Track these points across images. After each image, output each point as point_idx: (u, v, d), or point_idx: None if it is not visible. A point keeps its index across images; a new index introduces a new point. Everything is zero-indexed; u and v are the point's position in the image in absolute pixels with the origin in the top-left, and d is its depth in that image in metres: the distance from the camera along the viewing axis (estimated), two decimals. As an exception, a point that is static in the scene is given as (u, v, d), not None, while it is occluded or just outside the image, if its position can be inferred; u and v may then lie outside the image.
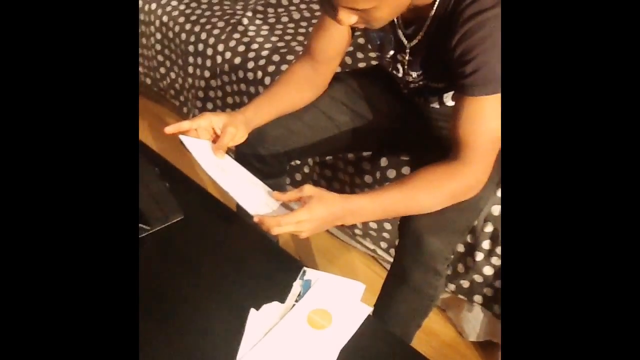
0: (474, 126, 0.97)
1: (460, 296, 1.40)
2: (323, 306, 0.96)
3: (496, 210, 1.25)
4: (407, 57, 1.12)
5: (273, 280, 1.01)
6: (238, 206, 1.12)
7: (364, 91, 1.31)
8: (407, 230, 1.09)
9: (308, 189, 0.96)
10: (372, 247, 1.59)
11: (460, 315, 1.46)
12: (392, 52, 1.15)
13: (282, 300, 0.97)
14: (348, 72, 1.37)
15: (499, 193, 1.24)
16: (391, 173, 1.39)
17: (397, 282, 1.18)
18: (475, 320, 1.42)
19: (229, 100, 1.80)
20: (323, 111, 1.27)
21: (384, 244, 1.52)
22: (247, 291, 0.99)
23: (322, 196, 0.95)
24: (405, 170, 1.37)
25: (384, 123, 1.32)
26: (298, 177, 1.65)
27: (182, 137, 1.04)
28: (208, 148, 1.06)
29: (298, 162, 1.61)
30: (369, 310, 0.96)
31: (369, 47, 1.66)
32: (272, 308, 0.95)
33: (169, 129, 1.05)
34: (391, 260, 1.56)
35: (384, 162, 1.41)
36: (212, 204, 1.15)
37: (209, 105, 1.88)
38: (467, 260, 1.34)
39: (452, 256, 1.17)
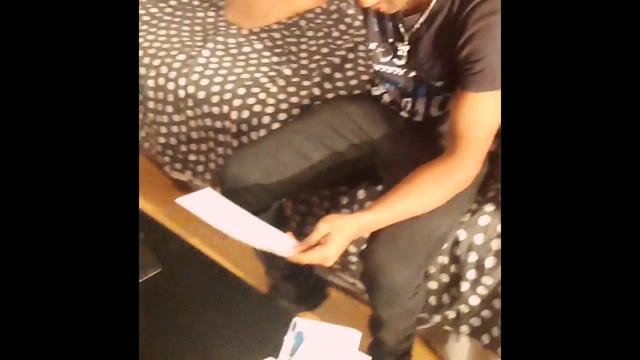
0: (474, 120, 1.02)
1: (447, 327, 1.38)
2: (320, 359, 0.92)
3: (479, 239, 1.24)
4: (406, 45, 1.13)
5: (264, 333, 0.96)
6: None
7: (339, 124, 1.29)
8: (365, 266, 1.12)
9: (323, 228, 0.99)
10: (351, 280, 1.55)
11: (446, 347, 1.44)
12: (391, 40, 1.16)
13: (276, 355, 0.92)
14: (322, 104, 1.34)
15: (466, 218, 1.25)
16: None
17: (373, 322, 1.20)
18: (462, 351, 1.40)
19: (194, 134, 1.74)
20: (298, 151, 1.24)
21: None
22: (237, 347, 0.94)
23: (338, 227, 1.00)
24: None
25: (360, 156, 1.30)
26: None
27: (179, 200, 0.96)
28: (212, 197, 0.99)
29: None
30: (368, 359, 0.92)
31: (335, 76, 1.64)
32: (266, 366, 0.90)
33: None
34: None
35: (361, 194, 1.38)
36: (192, 254, 1.10)
37: (172, 141, 1.81)
38: (452, 291, 1.32)
39: (418, 288, 1.17)
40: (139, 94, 1.76)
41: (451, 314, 1.34)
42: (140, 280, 1.04)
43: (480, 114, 1.02)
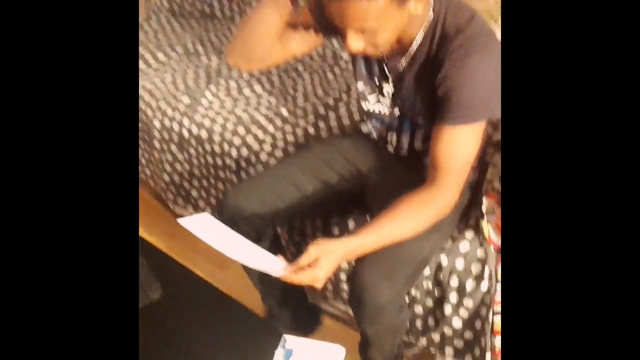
0: (452, 151, 1.11)
1: (432, 349, 1.45)
2: (306, 373, 1.00)
3: (460, 263, 1.33)
4: (390, 84, 1.24)
5: (255, 350, 1.04)
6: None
7: (330, 159, 1.40)
8: (351, 286, 1.20)
9: (313, 252, 1.07)
10: (343, 308, 1.63)
11: (434, 369, 1.50)
12: (377, 80, 1.26)
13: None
14: (316, 141, 1.45)
15: (448, 245, 1.33)
16: (359, 235, 1.46)
17: (361, 343, 1.27)
18: (449, 373, 1.46)
19: (196, 171, 1.86)
20: (293, 183, 1.35)
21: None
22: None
23: (326, 251, 1.08)
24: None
25: (349, 188, 1.41)
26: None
27: (180, 220, 1.02)
28: (210, 221, 1.04)
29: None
30: (350, 372, 1.00)
31: (329, 116, 1.76)
32: (257, 378, 0.99)
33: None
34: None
35: (351, 224, 1.48)
36: (191, 279, 1.19)
37: (176, 178, 1.92)
38: (436, 314, 1.40)
39: (401, 307, 1.25)
40: (139, 130, 1.89)
41: (436, 337, 1.42)
42: (142, 305, 1.13)
43: (458, 146, 1.12)
